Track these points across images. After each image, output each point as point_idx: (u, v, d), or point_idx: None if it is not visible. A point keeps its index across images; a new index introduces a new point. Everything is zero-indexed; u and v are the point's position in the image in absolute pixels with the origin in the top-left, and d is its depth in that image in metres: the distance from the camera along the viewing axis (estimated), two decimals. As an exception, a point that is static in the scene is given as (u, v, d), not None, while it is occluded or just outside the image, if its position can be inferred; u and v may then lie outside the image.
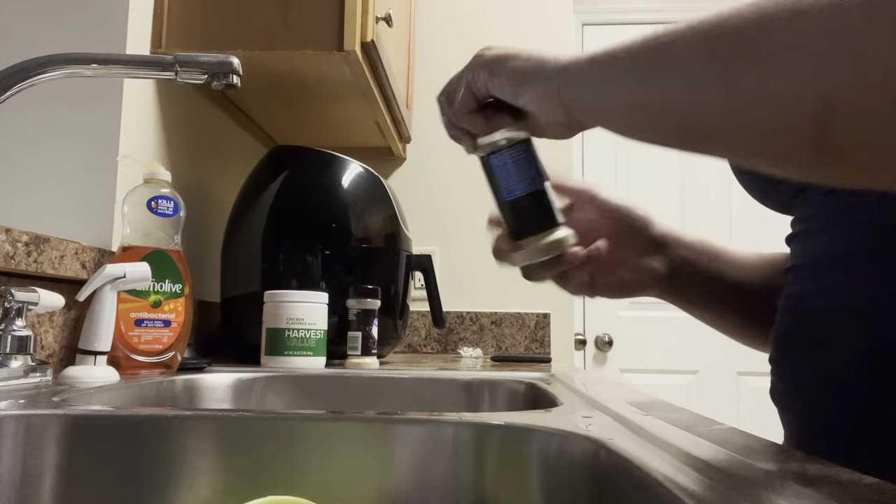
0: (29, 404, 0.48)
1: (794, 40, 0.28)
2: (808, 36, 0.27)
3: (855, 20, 0.26)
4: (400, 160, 1.72)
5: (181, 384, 0.76)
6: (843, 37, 0.26)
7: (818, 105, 0.27)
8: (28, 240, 0.68)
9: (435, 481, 0.43)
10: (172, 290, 0.81)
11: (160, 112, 1.02)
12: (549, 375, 0.86)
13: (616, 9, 2.34)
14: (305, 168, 1.10)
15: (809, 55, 0.27)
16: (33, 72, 0.61)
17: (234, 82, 0.64)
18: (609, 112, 0.39)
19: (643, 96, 0.35)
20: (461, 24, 1.76)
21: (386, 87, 1.24)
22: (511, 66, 0.45)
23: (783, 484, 0.27)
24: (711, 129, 0.32)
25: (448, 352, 1.64)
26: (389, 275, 1.12)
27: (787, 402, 0.48)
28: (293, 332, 0.92)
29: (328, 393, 0.85)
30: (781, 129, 0.29)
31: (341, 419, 0.44)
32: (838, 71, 0.26)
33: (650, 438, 0.38)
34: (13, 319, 0.62)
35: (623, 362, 2.22)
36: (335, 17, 1.00)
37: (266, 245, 1.05)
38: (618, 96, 0.38)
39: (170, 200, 0.81)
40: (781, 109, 0.29)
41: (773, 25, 0.28)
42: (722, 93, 0.31)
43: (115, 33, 0.92)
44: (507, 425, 0.43)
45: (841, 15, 0.26)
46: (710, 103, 0.31)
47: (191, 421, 0.45)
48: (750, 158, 0.32)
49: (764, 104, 0.29)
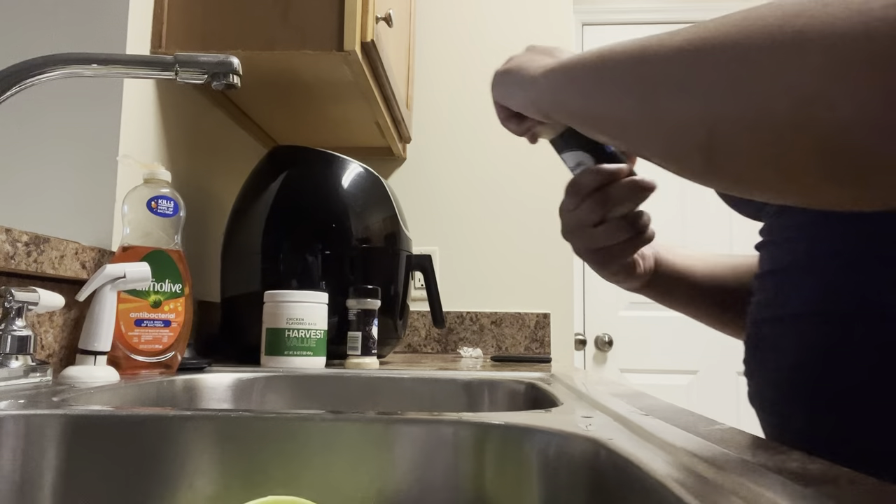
0: (29, 404, 0.48)
1: (690, 77, 0.32)
2: (703, 75, 0.31)
3: (740, 65, 0.29)
4: (400, 160, 1.72)
5: (181, 384, 0.76)
6: (729, 79, 0.29)
7: (705, 135, 0.31)
8: (28, 240, 0.68)
9: (435, 481, 0.43)
10: (172, 290, 0.81)
11: (160, 112, 1.02)
12: (549, 375, 0.86)
13: (616, 9, 2.34)
14: (305, 168, 1.10)
15: (700, 93, 0.31)
16: (33, 72, 0.61)
17: (234, 82, 0.64)
18: (572, 117, 0.44)
19: (589, 107, 0.40)
20: (461, 24, 1.76)
21: (386, 87, 1.24)
22: (504, 80, 0.52)
23: (783, 484, 0.27)
24: (632, 139, 0.37)
25: (448, 352, 1.64)
26: (389, 275, 1.12)
27: (760, 403, 0.50)
28: (293, 332, 0.92)
29: (328, 393, 0.85)
30: (678, 149, 0.34)
31: (341, 419, 0.44)
32: (721, 109, 0.30)
33: (650, 438, 0.38)
34: (13, 319, 0.62)
35: (623, 362, 2.22)
36: (335, 16, 1.00)
37: (266, 245, 1.05)
38: (570, 105, 0.43)
39: (170, 200, 0.81)
40: (676, 133, 0.33)
41: (679, 60, 0.32)
42: (637, 112, 0.35)
43: (115, 33, 0.92)
44: (507, 425, 0.43)
45: (736, 59, 0.29)
46: (630, 119, 0.36)
47: (191, 421, 0.45)
48: (664, 165, 0.36)
49: (665, 126, 0.33)
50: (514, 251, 1.67)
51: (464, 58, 1.75)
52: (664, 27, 2.44)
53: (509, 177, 1.70)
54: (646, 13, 2.32)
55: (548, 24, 1.75)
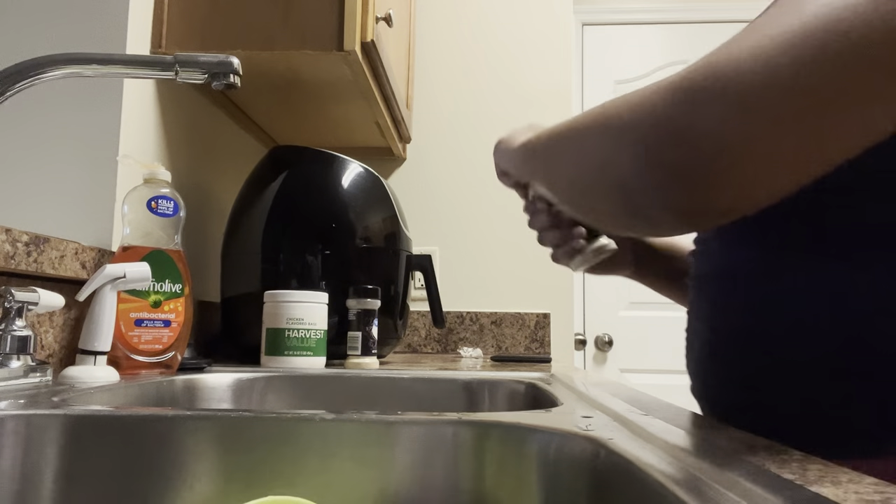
0: (29, 404, 0.48)
1: (565, 152, 0.47)
2: (568, 150, 0.46)
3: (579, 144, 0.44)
4: (400, 160, 1.72)
5: (181, 384, 0.76)
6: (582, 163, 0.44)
7: (576, 193, 0.46)
8: (28, 240, 0.68)
9: (435, 481, 0.43)
10: (172, 290, 0.81)
11: (160, 112, 1.02)
12: (549, 375, 0.86)
13: (616, 9, 2.34)
14: (305, 168, 1.10)
15: (569, 171, 0.46)
16: (33, 72, 0.61)
17: (234, 82, 0.64)
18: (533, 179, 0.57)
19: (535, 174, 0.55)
20: (461, 24, 1.76)
21: (386, 87, 1.25)
22: (498, 147, 0.65)
23: (783, 484, 0.27)
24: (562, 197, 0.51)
25: (448, 352, 1.64)
26: (389, 275, 1.12)
27: (695, 392, 0.61)
28: (293, 332, 0.92)
29: (328, 393, 0.85)
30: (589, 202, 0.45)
31: (341, 419, 0.44)
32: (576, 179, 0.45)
33: (650, 438, 0.38)
34: (13, 319, 0.62)
35: (623, 362, 2.22)
36: (335, 16, 1.00)
37: (266, 245, 1.05)
38: (528, 172, 0.58)
39: (170, 200, 0.81)
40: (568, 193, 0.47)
41: (562, 148, 0.48)
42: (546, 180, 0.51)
43: (115, 33, 0.93)
44: (507, 425, 0.43)
45: (577, 140, 0.44)
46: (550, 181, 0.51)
47: (191, 421, 0.45)
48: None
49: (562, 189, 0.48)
50: (514, 251, 1.67)
51: (464, 58, 1.75)
52: (664, 27, 2.42)
53: (509, 177, 1.70)
54: (646, 13, 2.32)
55: (548, 24, 1.75)
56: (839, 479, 0.28)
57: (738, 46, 0.35)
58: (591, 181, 0.43)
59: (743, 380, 0.52)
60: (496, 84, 1.74)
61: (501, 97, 1.73)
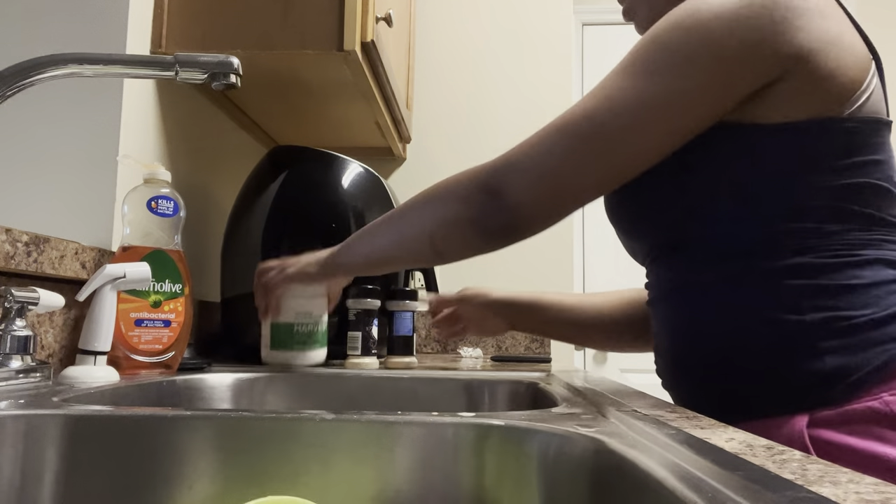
0: (29, 404, 0.48)
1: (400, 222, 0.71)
2: (401, 222, 0.71)
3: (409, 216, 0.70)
4: (400, 160, 1.72)
5: (181, 384, 0.76)
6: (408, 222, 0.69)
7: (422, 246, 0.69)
8: (28, 240, 0.68)
9: (435, 481, 0.43)
10: (172, 290, 0.81)
11: (160, 112, 1.02)
12: (548, 375, 0.86)
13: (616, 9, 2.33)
14: (305, 168, 1.10)
15: (404, 232, 0.70)
16: (33, 72, 0.61)
17: (234, 82, 0.64)
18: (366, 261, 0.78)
19: (372, 250, 0.76)
20: (461, 24, 1.76)
21: (386, 87, 1.25)
22: (296, 264, 0.88)
23: (783, 484, 0.27)
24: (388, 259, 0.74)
25: (448, 352, 1.64)
26: (389, 275, 1.12)
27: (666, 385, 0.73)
28: (302, 327, 0.92)
29: (328, 393, 0.85)
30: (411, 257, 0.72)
31: (341, 419, 0.44)
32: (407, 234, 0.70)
33: (650, 438, 0.38)
34: (13, 319, 0.62)
35: (623, 362, 2.22)
36: (335, 17, 1.00)
37: (266, 245, 1.05)
38: (360, 252, 0.78)
39: (170, 200, 0.81)
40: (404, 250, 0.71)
41: (394, 224, 0.72)
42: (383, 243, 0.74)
43: (115, 33, 0.92)
44: (507, 425, 0.43)
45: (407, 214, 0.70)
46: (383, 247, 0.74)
47: (191, 421, 0.45)
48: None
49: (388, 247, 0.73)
50: (514, 251, 1.67)
51: (464, 58, 1.75)
52: (664, 27, 2.39)
53: (509, 177, 1.70)
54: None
55: (548, 24, 1.75)
56: (839, 479, 0.28)
57: (519, 148, 0.62)
58: (425, 233, 0.67)
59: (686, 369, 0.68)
60: (496, 84, 1.74)
61: (501, 97, 1.73)
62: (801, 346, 0.57)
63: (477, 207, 0.62)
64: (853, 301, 0.57)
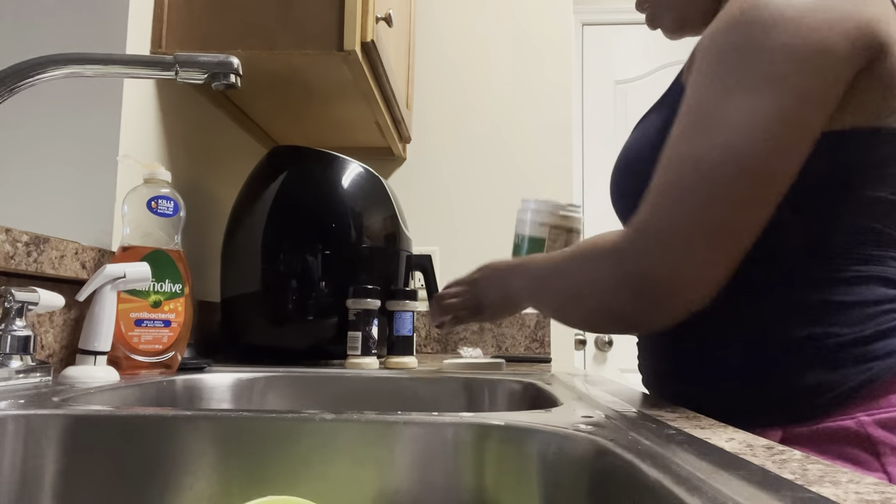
0: (29, 404, 0.48)
1: (563, 296, 0.64)
2: (566, 293, 0.63)
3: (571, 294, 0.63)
4: (400, 160, 1.72)
5: (181, 384, 0.76)
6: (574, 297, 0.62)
7: (580, 318, 0.63)
8: (28, 240, 0.68)
9: (435, 481, 0.43)
10: (172, 290, 0.81)
11: (160, 112, 1.02)
12: (548, 375, 0.86)
13: (616, 9, 2.34)
14: (305, 168, 1.10)
15: (567, 303, 0.64)
16: (33, 72, 0.61)
17: (234, 82, 0.64)
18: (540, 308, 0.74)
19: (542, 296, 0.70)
20: (461, 24, 1.76)
21: (386, 87, 1.24)
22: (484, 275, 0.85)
23: (783, 484, 0.27)
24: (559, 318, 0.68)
25: (448, 352, 1.64)
26: (389, 275, 1.12)
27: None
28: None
29: (328, 393, 0.85)
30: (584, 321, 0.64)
31: (341, 419, 0.44)
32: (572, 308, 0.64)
33: (650, 438, 0.38)
34: (13, 319, 0.62)
35: (623, 362, 2.22)
36: (335, 16, 1.00)
37: (266, 245, 1.05)
38: (541, 307, 0.73)
39: (170, 200, 0.81)
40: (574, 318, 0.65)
41: (559, 292, 0.65)
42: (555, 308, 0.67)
43: (115, 33, 0.92)
44: (507, 425, 0.43)
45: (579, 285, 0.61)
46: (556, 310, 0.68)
47: (191, 421, 0.45)
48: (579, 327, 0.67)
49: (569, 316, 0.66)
50: (514, 251, 1.67)
51: (464, 58, 1.75)
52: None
53: (509, 177, 1.70)
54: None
55: (548, 24, 1.75)
56: (839, 479, 0.28)
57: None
58: (589, 306, 0.61)
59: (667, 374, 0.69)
60: (496, 84, 1.74)
61: (502, 97, 1.73)
62: (783, 360, 0.57)
63: (629, 307, 0.55)
64: (839, 318, 0.56)
